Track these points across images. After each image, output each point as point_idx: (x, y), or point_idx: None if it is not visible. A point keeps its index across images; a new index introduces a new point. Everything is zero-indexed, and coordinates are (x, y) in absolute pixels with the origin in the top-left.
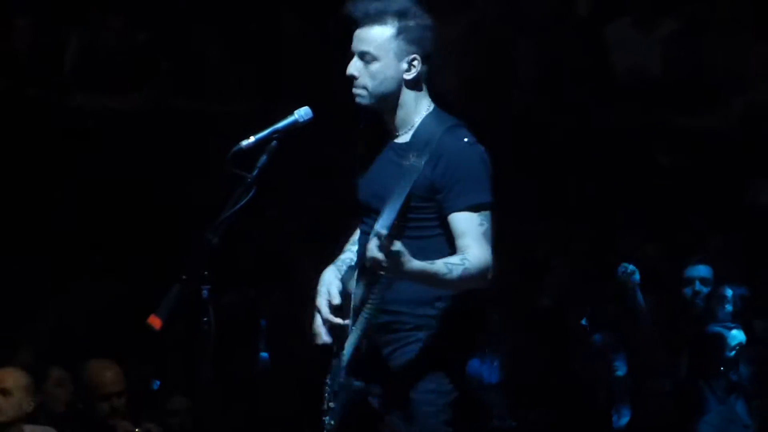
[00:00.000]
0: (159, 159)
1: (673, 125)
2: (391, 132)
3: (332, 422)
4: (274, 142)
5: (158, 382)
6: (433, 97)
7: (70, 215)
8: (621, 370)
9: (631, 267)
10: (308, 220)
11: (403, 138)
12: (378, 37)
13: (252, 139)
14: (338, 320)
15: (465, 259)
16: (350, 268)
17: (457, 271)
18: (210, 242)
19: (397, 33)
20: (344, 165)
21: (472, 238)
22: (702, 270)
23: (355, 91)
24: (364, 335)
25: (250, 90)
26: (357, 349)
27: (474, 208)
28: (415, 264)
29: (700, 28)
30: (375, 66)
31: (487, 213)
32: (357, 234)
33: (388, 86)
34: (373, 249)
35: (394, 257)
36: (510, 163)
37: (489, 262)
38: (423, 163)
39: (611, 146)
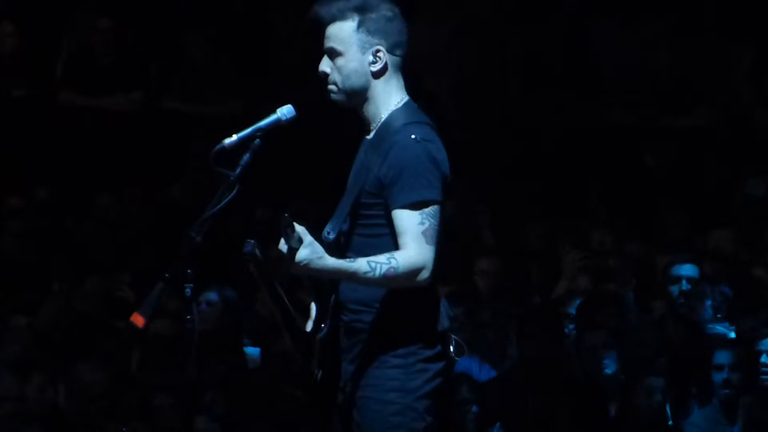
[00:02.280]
0: (148, 159)
1: (658, 124)
2: (366, 128)
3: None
4: (258, 140)
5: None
6: (414, 93)
7: (58, 215)
8: (610, 368)
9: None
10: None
11: (372, 134)
12: (340, 31)
13: (235, 137)
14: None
15: (392, 258)
16: None
17: (380, 270)
18: (193, 240)
19: (358, 25)
20: (329, 165)
21: (410, 236)
22: (690, 269)
23: (328, 88)
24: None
25: (237, 91)
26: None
27: (413, 206)
28: (329, 261)
29: (684, 29)
30: (340, 61)
31: (429, 211)
32: None
33: (356, 80)
34: (281, 242)
35: (291, 252)
36: (498, 162)
37: (423, 262)
38: (375, 158)
39: (596, 145)
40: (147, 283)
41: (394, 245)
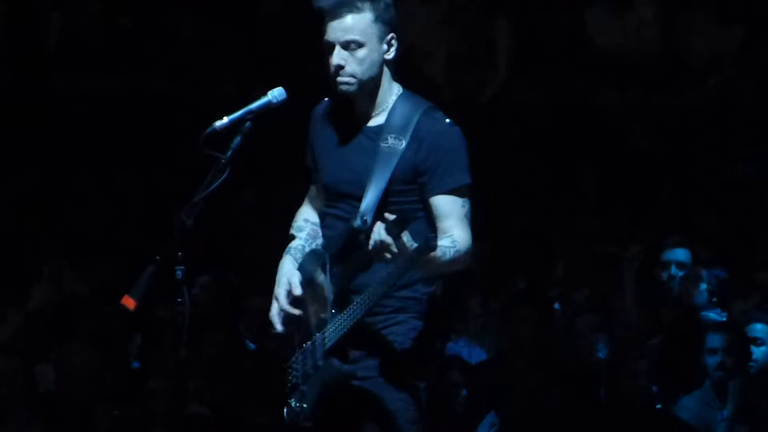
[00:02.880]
0: (137, 141)
1: (650, 105)
2: (364, 115)
3: (304, 405)
4: (248, 123)
5: (137, 363)
6: (407, 75)
7: (48, 196)
8: (602, 352)
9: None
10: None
11: (377, 120)
12: (360, 23)
13: (225, 120)
14: (295, 311)
15: (455, 242)
16: (311, 254)
17: (449, 254)
18: (184, 223)
19: (376, 17)
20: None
21: (455, 220)
22: (679, 254)
23: (341, 80)
24: (358, 320)
25: (228, 73)
26: (346, 333)
27: (457, 191)
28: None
29: (675, 8)
30: (362, 52)
31: (467, 195)
32: (301, 220)
33: (375, 70)
34: (382, 233)
35: (401, 243)
36: (487, 142)
37: (471, 243)
38: (404, 145)
39: (588, 126)
40: (138, 266)
41: (425, 229)
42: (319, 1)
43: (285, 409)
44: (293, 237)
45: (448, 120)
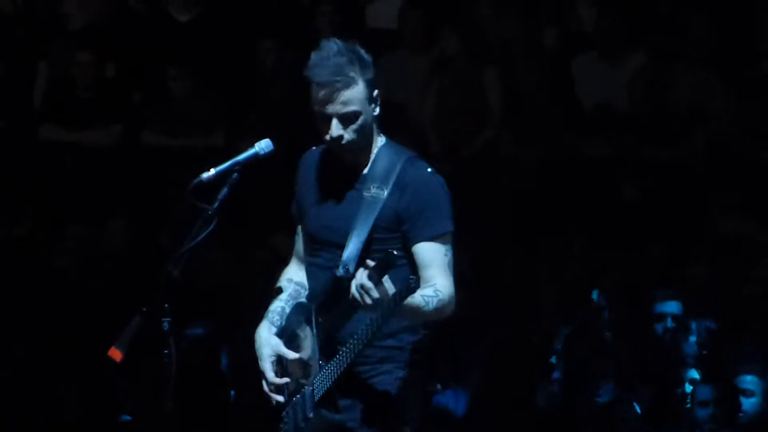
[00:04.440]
0: (128, 193)
1: (639, 157)
2: (351, 165)
3: None
4: (235, 174)
5: (126, 416)
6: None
7: (37, 246)
8: (604, 397)
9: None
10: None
11: (364, 170)
12: (357, 95)
13: (212, 171)
14: (284, 380)
15: (438, 291)
16: (297, 306)
17: (432, 304)
18: (170, 274)
19: (366, 83)
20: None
21: (438, 268)
22: (673, 306)
23: (342, 149)
24: (344, 369)
25: (217, 124)
26: (334, 383)
27: (439, 239)
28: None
29: (664, 62)
30: (359, 121)
31: (450, 243)
32: (285, 280)
33: (370, 130)
34: (363, 278)
35: (383, 289)
36: (475, 194)
37: (453, 292)
38: (386, 194)
39: (578, 178)
40: (125, 317)
41: (407, 277)
42: (313, 75)
43: None
44: (278, 291)
45: (429, 169)
